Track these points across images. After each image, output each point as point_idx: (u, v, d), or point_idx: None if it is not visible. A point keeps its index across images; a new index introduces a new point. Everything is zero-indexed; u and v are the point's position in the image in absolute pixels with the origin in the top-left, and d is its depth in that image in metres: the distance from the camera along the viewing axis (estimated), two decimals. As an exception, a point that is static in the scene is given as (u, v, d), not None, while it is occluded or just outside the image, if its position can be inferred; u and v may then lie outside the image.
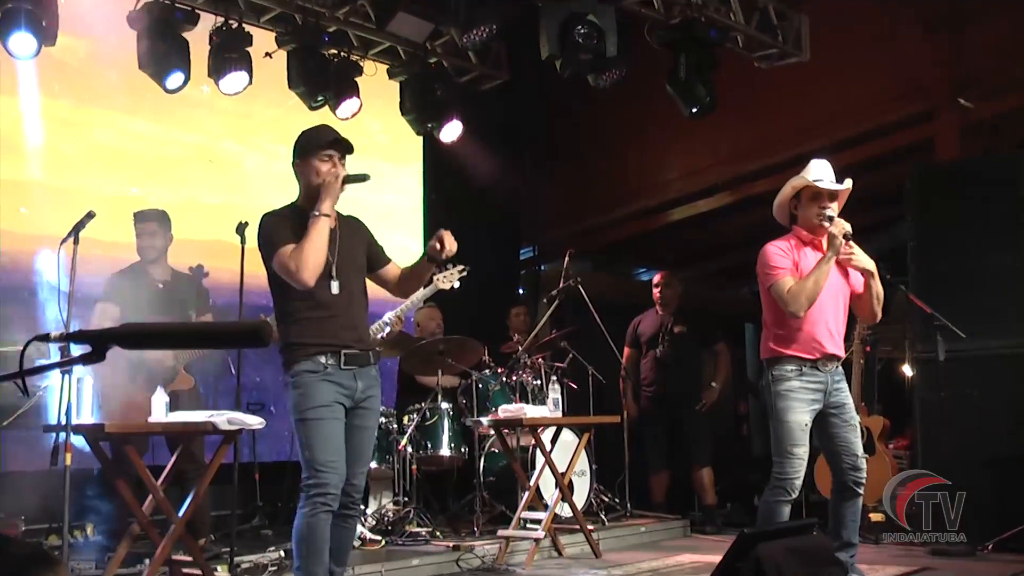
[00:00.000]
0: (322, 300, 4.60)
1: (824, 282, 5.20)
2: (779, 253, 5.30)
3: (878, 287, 5.39)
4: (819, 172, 5.33)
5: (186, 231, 7.21)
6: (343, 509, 4.63)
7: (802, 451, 5.19)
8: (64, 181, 7.70)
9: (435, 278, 6.98)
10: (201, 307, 6.63)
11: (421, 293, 6.98)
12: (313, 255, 4.48)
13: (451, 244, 4.86)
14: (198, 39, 7.78)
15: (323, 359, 4.54)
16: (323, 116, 8.76)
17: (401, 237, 9.87)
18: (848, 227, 5.25)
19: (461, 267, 6.90)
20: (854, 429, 5.37)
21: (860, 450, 5.39)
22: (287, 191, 4.88)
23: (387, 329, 7.00)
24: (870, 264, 5.32)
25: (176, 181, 8.33)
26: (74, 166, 7.81)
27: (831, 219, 5.26)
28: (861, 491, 5.36)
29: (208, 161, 8.59)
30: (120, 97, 8.02)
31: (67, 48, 7.56)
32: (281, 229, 4.57)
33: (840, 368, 5.39)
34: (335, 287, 4.64)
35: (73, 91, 7.86)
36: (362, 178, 4.80)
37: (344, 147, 4.71)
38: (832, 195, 5.31)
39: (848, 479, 5.32)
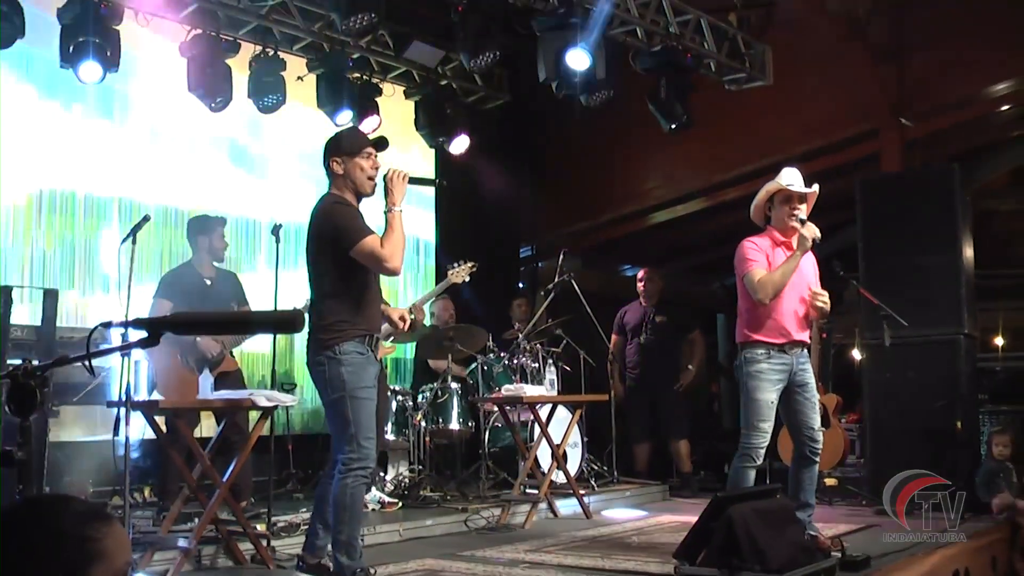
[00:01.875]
0: (371, 284, 4.61)
1: (790, 276, 5.22)
2: (754, 247, 5.33)
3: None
4: (790, 178, 5.36)
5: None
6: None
7: (767, 425, 5.22)
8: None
9: (449, 273, 7.00)
10: (241, 301, 6.65)
11: (437, 287, 7.01)
12: (402, 245, 4.49)
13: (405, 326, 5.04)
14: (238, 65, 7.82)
15: (362, 342, 4.49)
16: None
17: (415, 241, 9.89)
18: (818, 232, 5.28)
19: (472, 263, 6.91)
20: (814, 406, 5.39)
21: (818, 424, 5.42)
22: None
23: (410, 318, 6.99)
24: (827, 308, 5.37)
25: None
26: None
27: (802, 221, 5.29)
28: (817, 459, 5.40)
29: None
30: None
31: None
32: (357, 219, 4.53)
33: (805, 352, 5.41)
34: (379, 275, 4.68)
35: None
36: (432, 182, 4.84)
37: (383, 145, 4.73)
38: (802, 198, 5.34)
39: (806, 449, 5.35)
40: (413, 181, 4.67)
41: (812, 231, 5.25)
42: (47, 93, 7.29)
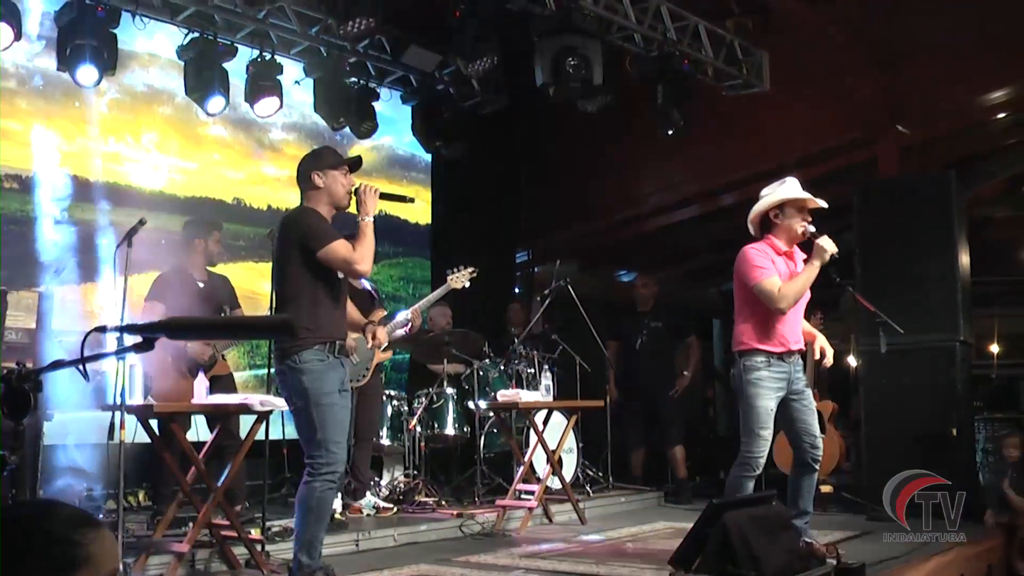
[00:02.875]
0: (335, 290, 4.66)
1: (808, 286, 5.24)
2: (763, 255, 5.26)
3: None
4: (799, 188, 5.35)
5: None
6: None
7: (768, 433, 5.20)
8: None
9: (449, 278, 7.00)
10: (233, 304, 6.66)
11: (436, 293, 7.02)
12: (372, 251, 4.64)
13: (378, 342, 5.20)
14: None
15: (324, 348, 4.53)
16: (344, 135, 8.85)
17: (410, 245, 9.91)
18: (835, 248, 5.24)
19: (472, 269, 6.91)
20: (812, 413, 5.37)
21: (818, 431, 5.40)
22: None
23: (408, 324, 6.98)
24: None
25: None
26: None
27: (816, 231, 5.26)
28: (818, 466, 5.37)
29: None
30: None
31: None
32: (327, 224, 4.67)
33: (800, 359, 5.39)
34: (346, 283, 4.76)
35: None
36: (404, 199, 5.01)
37: (358, 165, 4.93)
38: (811, 209, 5.35)
39: (807, 456, 5.32)
40: (384, 196, 4.85)
41: (831, 245, 5.21)
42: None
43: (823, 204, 5.34)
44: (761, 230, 5.44)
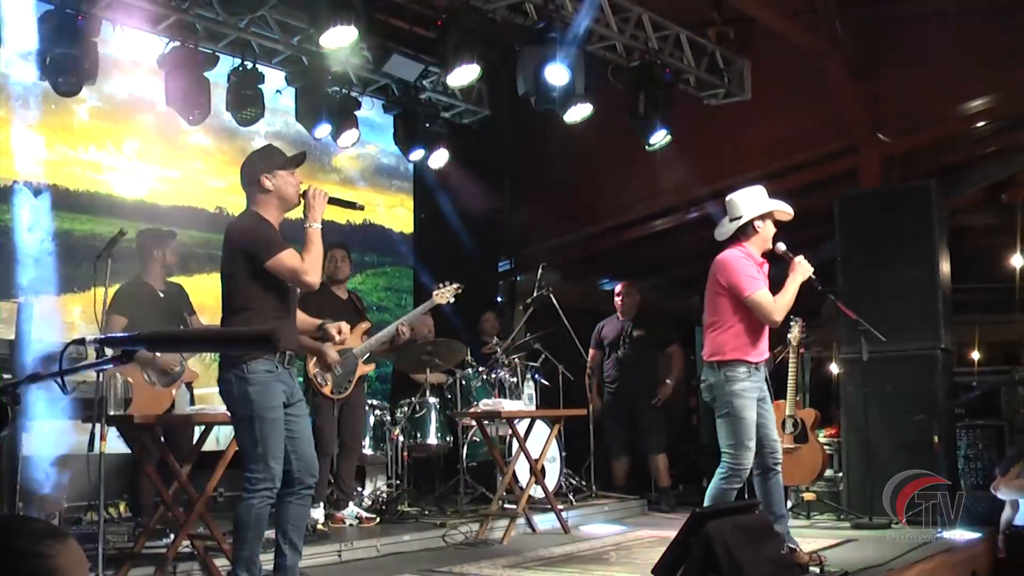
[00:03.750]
0: (285, 300, 4.55)
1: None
2: (748, 263, 5.33)
3: None
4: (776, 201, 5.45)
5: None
6: (305, 489, 4.57)
7: (754, 443, 5.25)
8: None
9: (434, 294, 7.02)
10: (190, 311, 6.68)
11: (422, 307, 7.04)
12: (320, 259, 4.52)
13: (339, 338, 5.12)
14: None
15: (274, 359, 4.43)
16: (327, 143, 8.84)
17: (394, 254, 9.90)
18: (811, 269, 5.40)
19: (457, 285, 6.93)
20: (773, 418, 5.47)
21: (777, 435, 5.49)
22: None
23: (396, 335, 6.98)
24: None
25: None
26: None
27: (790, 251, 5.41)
28: (780, 468, 5.44)
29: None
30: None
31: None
32: (275, 233, 4.51)
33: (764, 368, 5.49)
34: (296, 292, 4.66)
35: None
36: (353, 205, 4.83)
37: (301, 159, 4.71)
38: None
39: (770, 460, 5.39)
40: (333, 201, 4.69)
41: (809, 266, 5.37)
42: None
43: (790, 215, 5.45)
44: (737, 236, 5.46)
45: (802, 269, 5.33)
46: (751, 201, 5.44)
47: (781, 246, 5.44)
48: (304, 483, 4.55)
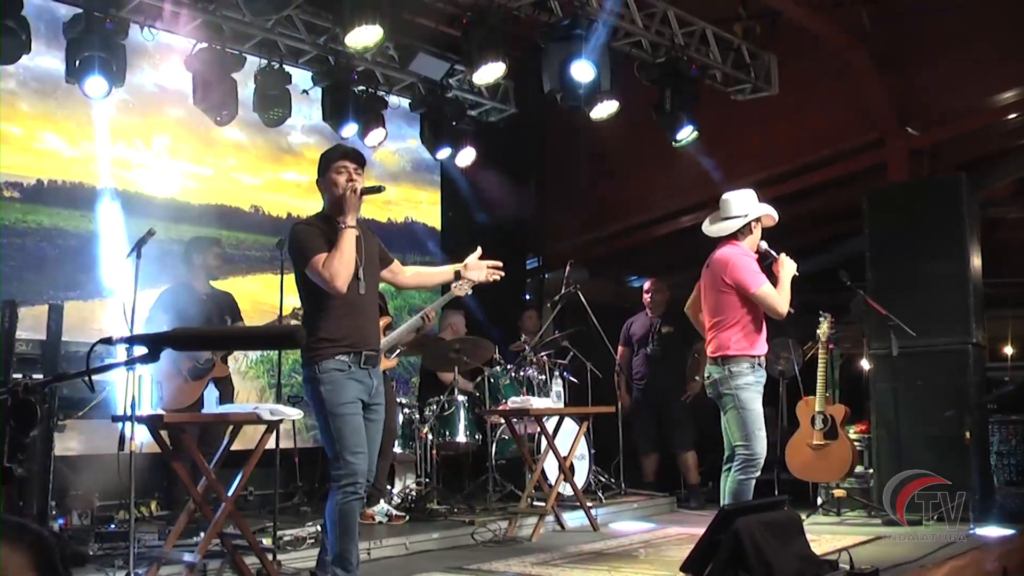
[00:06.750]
0: (351, 300, 4.53)
1: None
2: (752, 260, 5.49)
3: None
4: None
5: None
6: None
7: (764, 433, 5.40)
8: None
9: (452, 286, 6.98)
10: (235, 315, 6.75)
11: (441, 299, 7.03)
12: (344, 266, 4.42)
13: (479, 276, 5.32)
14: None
15: (346, 358, 4.46)
16: (354, 142, 8.84)
17: (421, 251, 9.90)
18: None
19: (492, 263, 6.92)
20: None
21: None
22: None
23: (422, 323, 7.01)
24: None
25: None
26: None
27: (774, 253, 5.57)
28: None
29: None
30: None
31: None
32: (313, 238, 4.49)
33: None
34: (362, 287, 4.58)
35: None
36: (377, 189, 4.79)
37: (355, 158, 4.64)
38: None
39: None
40: (365, 192, 4.62)
41: (792, 263, 5.53)
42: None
43: (775, 220, 5.65)
44: (735, 234, 5.59)
45: (789, 265, 5.48)
46: (751, 201, 5.63)
47: (763, 244, 5.61)
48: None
